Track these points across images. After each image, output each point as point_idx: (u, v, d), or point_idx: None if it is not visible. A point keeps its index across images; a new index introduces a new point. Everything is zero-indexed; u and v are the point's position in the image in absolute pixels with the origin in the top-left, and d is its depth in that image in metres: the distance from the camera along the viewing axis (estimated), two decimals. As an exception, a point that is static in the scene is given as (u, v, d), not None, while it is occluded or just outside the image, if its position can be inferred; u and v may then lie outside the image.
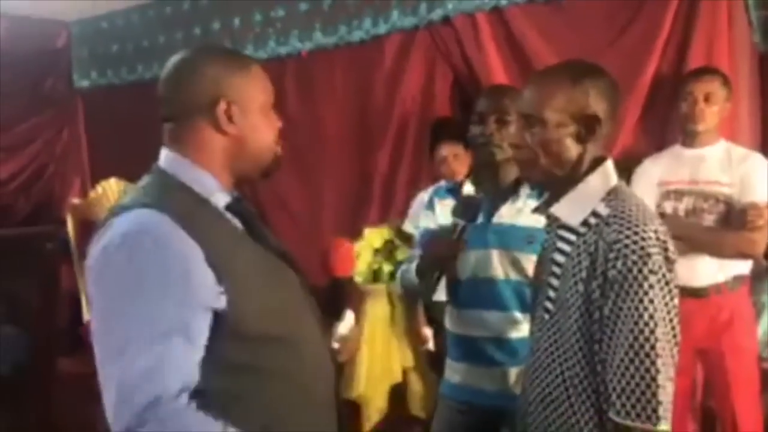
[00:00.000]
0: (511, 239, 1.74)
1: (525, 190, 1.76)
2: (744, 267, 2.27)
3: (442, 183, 1.98)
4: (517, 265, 1.72)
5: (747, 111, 2.53)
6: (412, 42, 3.06)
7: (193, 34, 3.87)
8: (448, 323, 1.90)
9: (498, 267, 1.73)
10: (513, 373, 1.76)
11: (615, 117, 1.32)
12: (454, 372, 1.86)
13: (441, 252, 1.67)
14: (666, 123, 2.49)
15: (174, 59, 1.21)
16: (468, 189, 1.83)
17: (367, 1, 3.14)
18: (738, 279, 2.26)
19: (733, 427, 2.22)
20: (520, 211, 1.74)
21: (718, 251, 2.22)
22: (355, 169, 3.33)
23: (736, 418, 2.21)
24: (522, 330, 1.75)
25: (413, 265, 1.80)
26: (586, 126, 1.28)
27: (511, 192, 1.77)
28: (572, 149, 1.29)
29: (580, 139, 1.29)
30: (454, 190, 1.89)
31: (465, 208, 1.70)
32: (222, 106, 1.16)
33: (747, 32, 2.52)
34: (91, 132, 4.63)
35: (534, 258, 1.62)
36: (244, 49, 3.51)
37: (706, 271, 2.23)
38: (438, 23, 2.96)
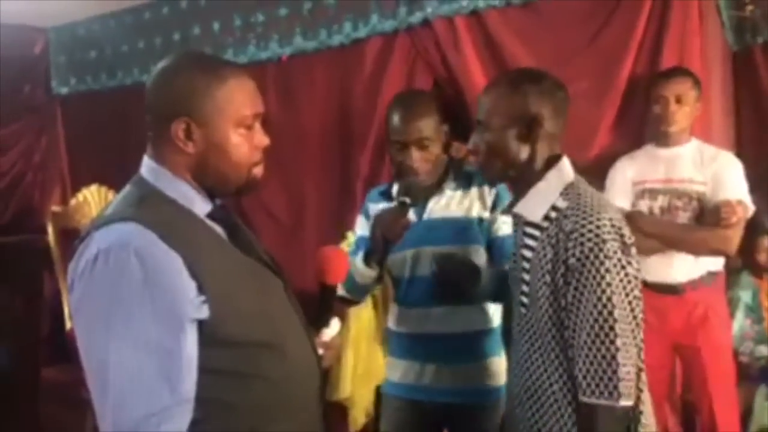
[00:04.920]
0: (445, 233, 1.79)
1: (449, 185, 1.84)
2: (717, 263, 2.32)
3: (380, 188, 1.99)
4: None
5: (720, 110, 2.57)
6: (392, 46, 3.07)
7: (172, 40, 3.85)
8: (391, 322, 1.93)
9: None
10: (457, 369, 1.79)
11: (561, 116, 1.38)
12: (397, 370, 1.88)
13: (390, 227, 1.65)
14: (642, 123, 2.52)
15: (159, 65, 1.18)
16: (396, 189, 1.88)
17: (347, 5, 3.16)
18: (711, 275, 2.31)
19: (710, 420, 2.27)
20: (448, 206, 1.82)
21: (693, 248, 2.26)
22: (337, 173, 3.34)
23: (714, 410, 2.26)
24: (465, 325, 1.79)
25: (357, 259, 1.74)
26: (528, 127, 1.35)
27: (436, 189, 1.83)
28: (519, 150, 1.37)
29: (524, 139, 1.36)
30: (386, 193, 1.91)
31: (408, 191, 1.72)
32: (179, 124, 1.12)
33: (719, 32, 2.57)
34: (70, 139, 4.59)
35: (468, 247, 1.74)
36: (224, 54, 3.51)
37: (681, 267, 2.28)
38: (417, 27, 2.97)
